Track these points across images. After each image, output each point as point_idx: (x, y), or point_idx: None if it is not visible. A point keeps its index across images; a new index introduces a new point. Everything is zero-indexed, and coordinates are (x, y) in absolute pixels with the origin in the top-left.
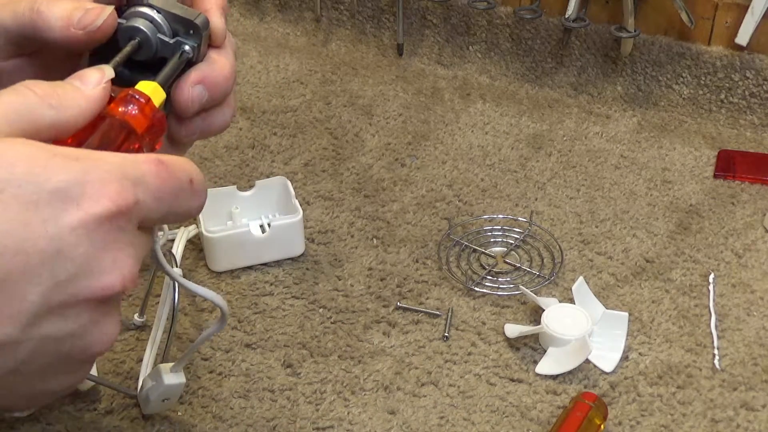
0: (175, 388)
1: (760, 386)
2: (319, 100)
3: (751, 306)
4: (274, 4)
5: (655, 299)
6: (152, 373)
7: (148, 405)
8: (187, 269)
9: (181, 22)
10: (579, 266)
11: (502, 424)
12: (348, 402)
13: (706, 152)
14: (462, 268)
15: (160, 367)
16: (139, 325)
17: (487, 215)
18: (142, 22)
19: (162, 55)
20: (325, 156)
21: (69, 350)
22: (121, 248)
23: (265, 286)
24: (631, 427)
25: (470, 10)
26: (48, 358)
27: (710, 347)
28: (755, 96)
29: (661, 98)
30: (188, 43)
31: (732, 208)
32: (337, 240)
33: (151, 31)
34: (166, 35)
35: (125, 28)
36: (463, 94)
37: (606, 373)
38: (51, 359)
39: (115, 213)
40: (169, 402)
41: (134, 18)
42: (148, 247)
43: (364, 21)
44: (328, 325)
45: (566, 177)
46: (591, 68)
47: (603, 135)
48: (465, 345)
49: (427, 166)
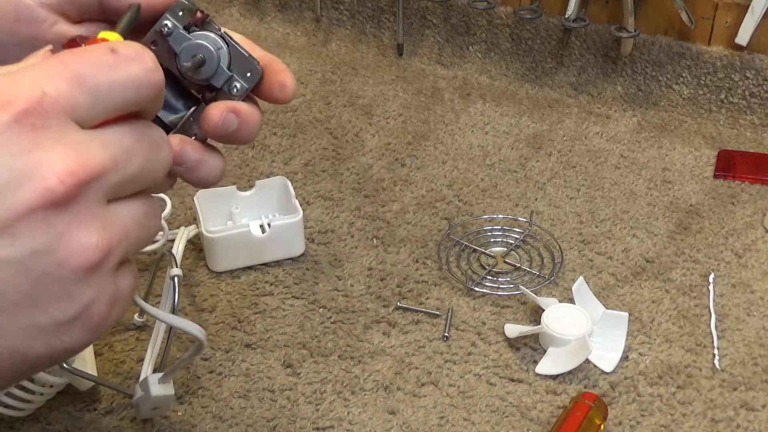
0: (163, 400)
1: (760, 386)
2: (319, 100)
3: (751, 306)
4: (274, 4)
5: (655, 299)
6: (142, 382)
7: (140, 412)
8: (187, 269)
9: (243, 63)
10: (579, 266)
11: (502, 424)
12: (348, 402)
13: (706, 152)
14: (462, 268)
15: (148, 378)
16: (139, 325)
17: (487, 215)
18: (212, 44)
19: (213, 82)
20: (325, 156)
21: (43, 270)
22: (50, 147)
23: (265, 286)
24: (631, 427)
25: (470, 10)
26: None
27: (710, 347)
28: (755, 96)
29: (661, 98)
30: (241, 81)
31: (732, 208)
32: (337, 240)
33: (215, 56)
34: (225, 67)
35: (193, 44)
36: (463, 94)
37: (606, 373)
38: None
39: (25, 110)
40: (159, 410)
41: (205, 38)
42: (91, 145)
43: (364, 21)
44: (328, 325)
45: (566, 177)
46: (591, 68)
47: (603, 135)
48: (465, 345)
49: (427, 166)
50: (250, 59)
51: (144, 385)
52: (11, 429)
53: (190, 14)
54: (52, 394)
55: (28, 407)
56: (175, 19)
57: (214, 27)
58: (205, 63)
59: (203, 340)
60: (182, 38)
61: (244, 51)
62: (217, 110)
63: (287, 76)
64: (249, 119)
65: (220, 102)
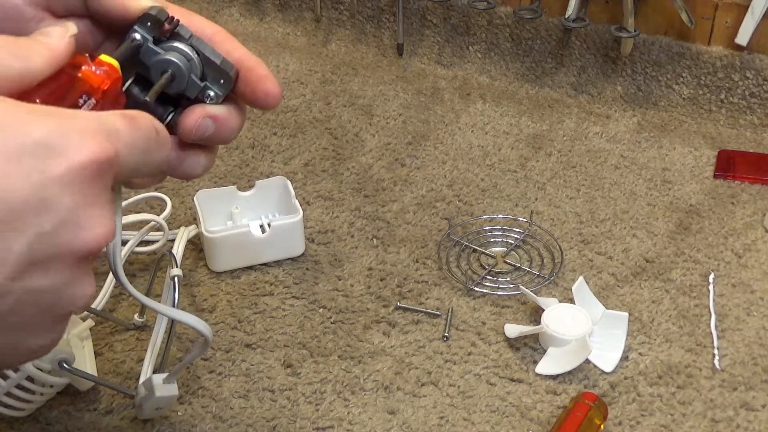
0: (167, 400)
1: (760, 386)
2: (319, 100)
3: (751, 306)
4: (274, 4)
5: (655, 299)
6: (146, 382)
7: (142, 412)
8: (187, 269)
9: (215, 71)
10: (579, 266)
11: (502, 424)
12: (348, 402)
13: (706, 152)
14: (462, 268)
15: (152, 378)
16: (139, 326)
17: (487, 215)
18: (179, 58)
19: (186, 93)
20: (325, 156)
21: (49, 305)
22: (103, 203)
23: (265, 286)
24: (631, 427)
25: (470, 10)
26: (29, 312)
27: (710, 347)
28: (755, 96)
29: (661, 98)
30: (214, 89)
31: (732, 208)
32: (337, 240)
33: (186, 69)
34: (197, 77)
35: (162, 60)
36: (463, 94)
37: (606, 373)
38: (32, 314)
39: (98, 164)
40: (162, 410)
41: (173, 51)
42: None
43: (364, 21)
44: (328, 325)
45: (566, 177)
46: (591, 68)
47: (603, 135)
48: (465, 345)
49: (427, 166)
50: (223, 66)
51: (148, 385)
52: (11, 429)
53: (159, 25)
54: (52, 394)
55: (28, 407)
56: (144, 30)
57: (184, 36)
58: (176, 78)
59: (209, 337)
60: (151, 52)
61: (215, 58)
62: (191, 117)
63: (270, 84)
64: (226, 122)
65: (197, 107)
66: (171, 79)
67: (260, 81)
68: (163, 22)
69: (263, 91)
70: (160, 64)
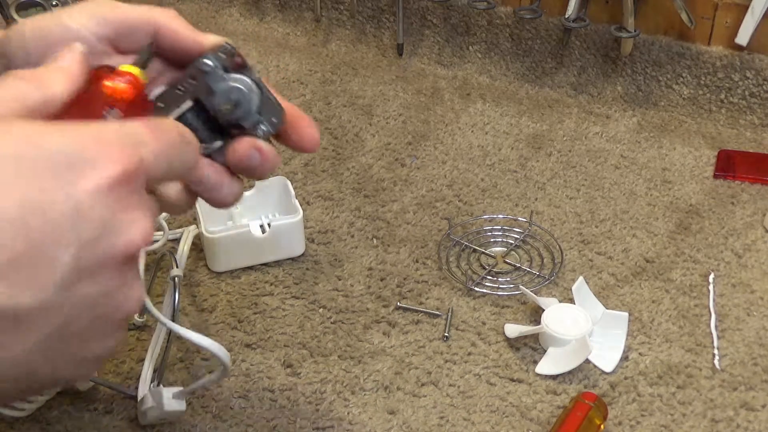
0: (173, 414)
1: (760, 386)
2: (319, 100)
3: (751, 306)
4: (274, 4)
5: (655, 299)
6: (154, 392)
7: (145, 419)
8: (187, 269)
9: (271, 109)
10: (579, 266)
11: (502, 424)
12: (348, 402)
13: (706, 152)
14: (462, 268)
15: (162, 391)
16: (140, 326)
17: (487, 215)
18: (247, 86)
19: (242, 122)
20: (325, 156)
21: (103, 312)
22: (135, 207)
23: (265, 286)
24: (631, 427)
25: (470, 10)
26: (84, 320)
27: (710, 347)
28: (755, 96)
29: (661, 98)
30: (267, 125)
31: (732, 208)
32: (337, 240)
33: (248, 100)
34: (255, 110)
35: (230, 86)
36: (463, 94)
37: (606, 373)
38: (87, 322)
39: (125, 174)
40: (165, 421)
41: (241, 81)
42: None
43: (364, 21)
44: (328, 325)
45: (566, 177)
46: (591, 68)
47: (603, 135)
48: (465, 345)
49: (427, 166)
50: (278, 107)
51: (156, 397)
52: (11, 429)
53: (231, 58)
54: (52, 394)
55: (28, 407)
56: (216, 59)
57: (252, 73)
58: (240, 105)
59: (228, 365)
60: (220, 78)
61: (273, 98)
62: (243, 146)
63: (316, 130)
64: (270, 158)
65: (248, 138)
66: (236, 105)
67: (308, 126)
68: (236, 54)
69: (309, 135)
70: (228, 90)
